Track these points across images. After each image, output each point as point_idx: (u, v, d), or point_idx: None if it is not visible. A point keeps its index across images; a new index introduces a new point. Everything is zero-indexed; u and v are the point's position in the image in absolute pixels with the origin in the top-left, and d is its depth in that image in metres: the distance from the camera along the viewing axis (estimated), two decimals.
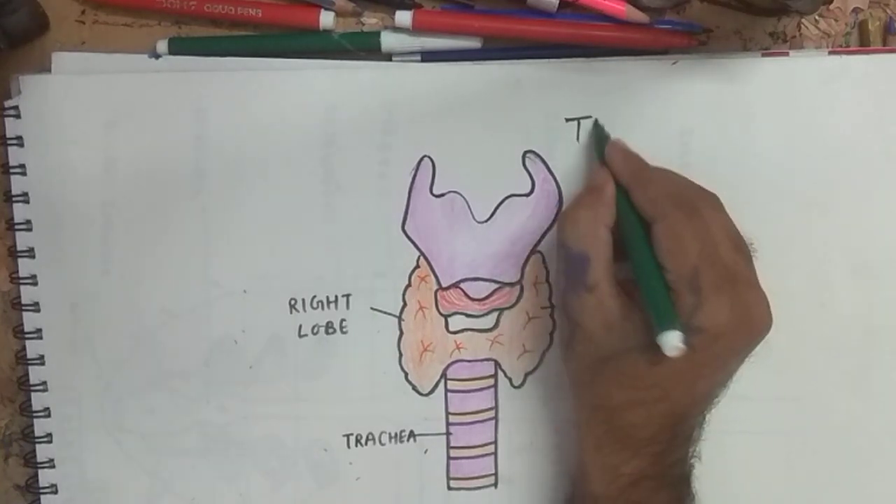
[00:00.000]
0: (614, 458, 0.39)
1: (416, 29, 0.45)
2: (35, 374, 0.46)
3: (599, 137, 0.44)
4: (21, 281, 0.46)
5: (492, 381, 0.47)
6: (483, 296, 0.46)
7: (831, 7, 0.46)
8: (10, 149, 0.45)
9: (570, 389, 0.42)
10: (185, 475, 0.47)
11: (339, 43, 0.46)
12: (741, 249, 0.38)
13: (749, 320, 0.37)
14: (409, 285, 0.46)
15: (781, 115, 0.45)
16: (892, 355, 0.46)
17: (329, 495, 0.47)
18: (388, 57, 0.46)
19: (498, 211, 0.46)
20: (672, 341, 0.34)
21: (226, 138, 0.45)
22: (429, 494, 0.47)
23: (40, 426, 0.46)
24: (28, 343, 0.46)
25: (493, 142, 0.45)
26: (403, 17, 0.45)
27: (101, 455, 0.47)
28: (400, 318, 0.46)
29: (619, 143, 0.43)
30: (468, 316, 0.46)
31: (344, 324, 0.46)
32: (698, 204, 0.38)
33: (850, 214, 0.45)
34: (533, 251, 0.46)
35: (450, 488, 0.47)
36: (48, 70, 0.46)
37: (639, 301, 0.38)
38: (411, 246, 0.46)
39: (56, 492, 0.47)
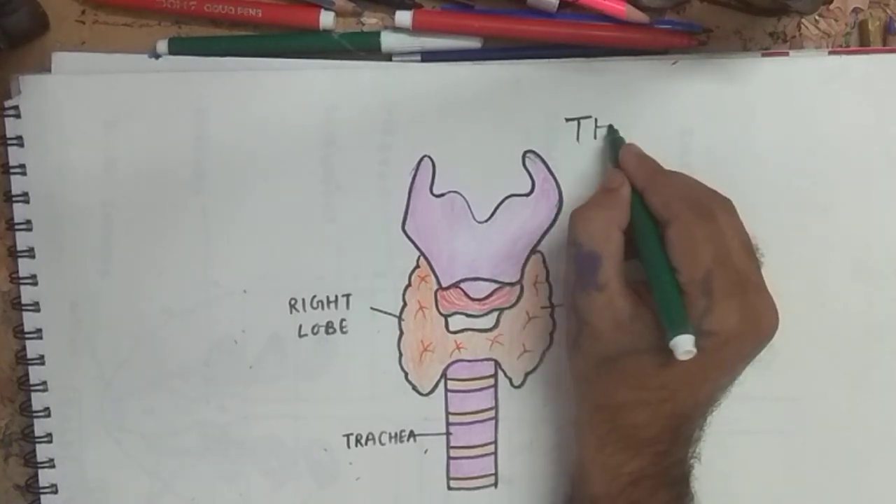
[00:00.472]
0: (616, 457, 0.39)
1: (416, 29, 0.45)
2: (35, 374, 0.46)
3: (614, 141, 0.44)
4: (21, 281, 0.46)
5: (492, 381, 0.47)
6: (483, 296, 0.46)
7: (831, 7, 0.46)
8: (10, 149, 0.45)
9: (572, 387, 0.42)
10: (185, 475, 0.47)
11: (339, 43, 0.46)
12: (752, 254, 0.38)
13: (758, 325, 0.37)
14: (409, 285, 0.46)
15: (781, 115, 0.45)
16: (892, 355, 0.46)
17: (329, 495, 0.47)
18: (388, 57, 0.46)
19: (498, 211, 0.46)
20: (684, 345, 0.35)
21: (226, 138, 0.45)
22: (429, 494, 0.47)
23: (40, 426, 0.46)
24: (28, 343, 0.46)
25: (493, 142, 0.45)
26: (403, 17, 0.45)
27: (101, 455, 0.47)
28: (400, 318, 0.46)
29: (633, 146, 0.43)
30: (468, 316, 0.46)
31: (344, 324, 0.46)
32: (713, 208, 0.38)
33: (850, 214, 0.45)
34: (533, 251, 0.46)
35: (450, 488, 0.47)
36: (48, 70, 0.46)
37: (648, 302, 0.38)
38: (411, 246, 0.46)
39: (56, 492, 0.47)
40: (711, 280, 0.36)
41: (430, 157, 0.46)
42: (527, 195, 0.46)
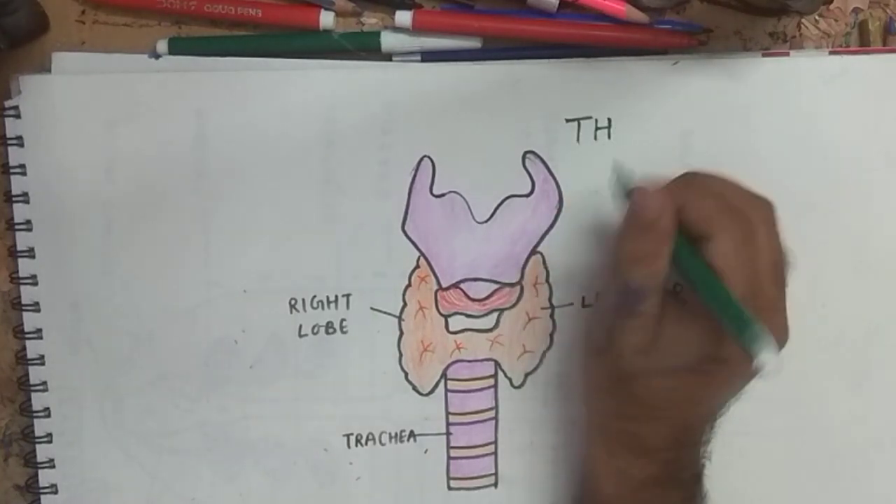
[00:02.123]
0: (626, 463, 0.39)
1: (416, 29, 0.45)
2: (35, 374, 0.46)
3: (621, 180, 0.39)
4: (21, 281, 0.46)
5: (492, 382, 0.47)
6: (483, 296, 0.46)
7: (831, 7, 0.46)
8: (10, 149, 0.45)
9: (585, 392, 0.42)
10: (185, 475, 0.47)
11: (339, 43, 0.46)
12: (781, 274, 0.38)
13: None
14: (409, 285, 0.46)
15: (781, 115, 0.45)
16: (892, 355, 0.46)
17: (329, 495, 0.47)
18: (388, 57, 0.46)
19: (498, 211, 0.46)
20: (771, 365, 0.34)
21: (226, 138, 0.45)
22: (429, 494, 0.47)
23: (40, 426, 0.46)
24: (28, 343, 0.46)
25: (493, 142, 0.45)
26: (403, 17, 0.45)
27: (101, 455, 0.47)
28: (400, 318, 0.46)
29: (645, 189, 0.38)
30: (468, 316, 0.46)
31: (344, 324, 0.46)
32: (753, 220, 0.37)
33: (850, 214, 0.46)
34: (533, 251, 0.46)
35: (450, 488, 0.47)
36: (48, 70, 0.45)
37: (673, 316, 0.38)
38: (411, 246, 0.46)
39: (56, 492, 0.47)
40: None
41: (429, 157, 0.46)
42: (527, 196, 0.46)
